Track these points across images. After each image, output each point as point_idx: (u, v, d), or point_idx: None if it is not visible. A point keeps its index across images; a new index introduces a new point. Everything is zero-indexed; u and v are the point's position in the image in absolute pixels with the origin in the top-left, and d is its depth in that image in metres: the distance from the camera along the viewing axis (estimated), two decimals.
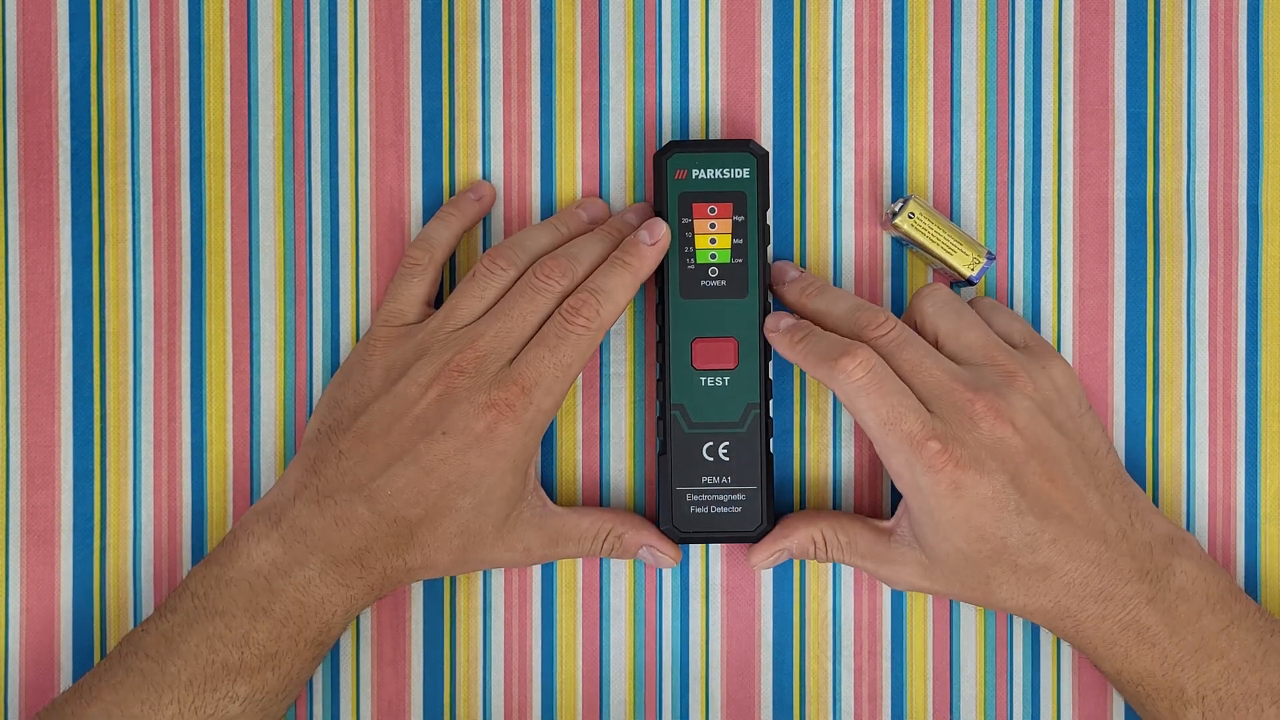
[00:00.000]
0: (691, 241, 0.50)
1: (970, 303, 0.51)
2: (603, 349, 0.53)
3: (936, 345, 0.49)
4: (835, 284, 0.53)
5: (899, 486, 0.48)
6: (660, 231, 0.49)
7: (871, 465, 0.53)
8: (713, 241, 0.50)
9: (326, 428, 0.49)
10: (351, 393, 0.49)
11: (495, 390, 0.47)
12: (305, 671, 0.48)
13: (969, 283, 0.51)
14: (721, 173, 0.50)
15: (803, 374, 0.53)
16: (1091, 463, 0.48)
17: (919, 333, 0.50)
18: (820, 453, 0.53)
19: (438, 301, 0.52)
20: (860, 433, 0.53)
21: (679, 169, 0.50)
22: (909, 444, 0.46)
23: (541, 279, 0.48)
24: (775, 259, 0.53)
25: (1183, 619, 0.47)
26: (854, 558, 0.50)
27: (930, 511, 0.47)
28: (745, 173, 0.50)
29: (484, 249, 0.53)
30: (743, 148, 0.50)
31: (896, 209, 0.51)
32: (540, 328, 0.48)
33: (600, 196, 0.53)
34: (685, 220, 0.50)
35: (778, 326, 0.49)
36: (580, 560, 0.53)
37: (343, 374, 0.51)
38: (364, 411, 0.48)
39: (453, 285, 0.53)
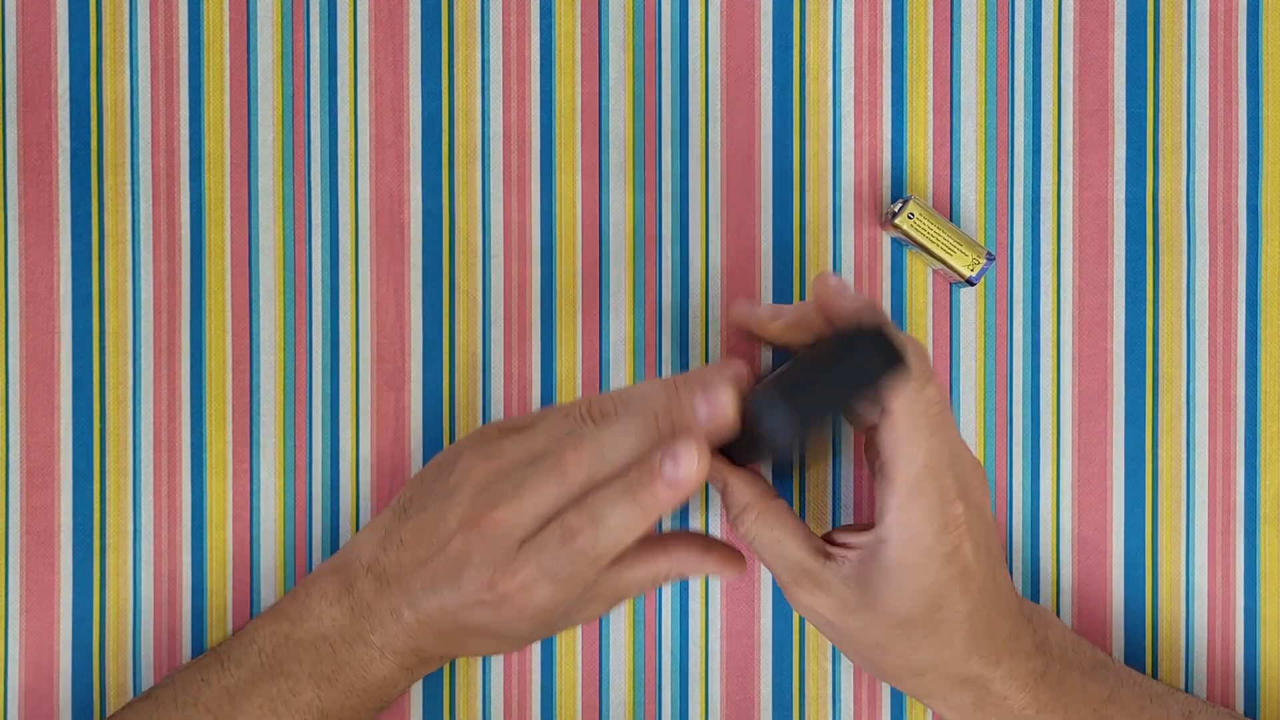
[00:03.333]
0: None
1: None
2: (603, 347, 0.53)
3: None
4: None
5: (888, 531, 0.44)
6: (684, 470, 0.42)
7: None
8: None
9: (406, 499, 0.49)
10: (431, 476, 0.48)
11: (497, 575, 0.44)
12: None
13: (969, 283, 0.51)
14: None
15: None
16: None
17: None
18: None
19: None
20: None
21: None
22: (939, 496, 0.43)
23: (559, 467, 0.44)
24: (775, 286, 0.52)
25: (1072, 690, 0.47)
26: (773, 557, 0.47)
27: (909, 570, 0.44)
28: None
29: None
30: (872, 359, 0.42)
31: (896, 209, 0.51)
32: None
33: (600, 197, 0.53)
34: None
35: (845, 293, 0.44)
36: None
37: (446, 453, 0.49)
38: (422, 510, 0.47)
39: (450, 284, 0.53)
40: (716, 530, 0.53)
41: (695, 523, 0.53)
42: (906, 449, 0.43)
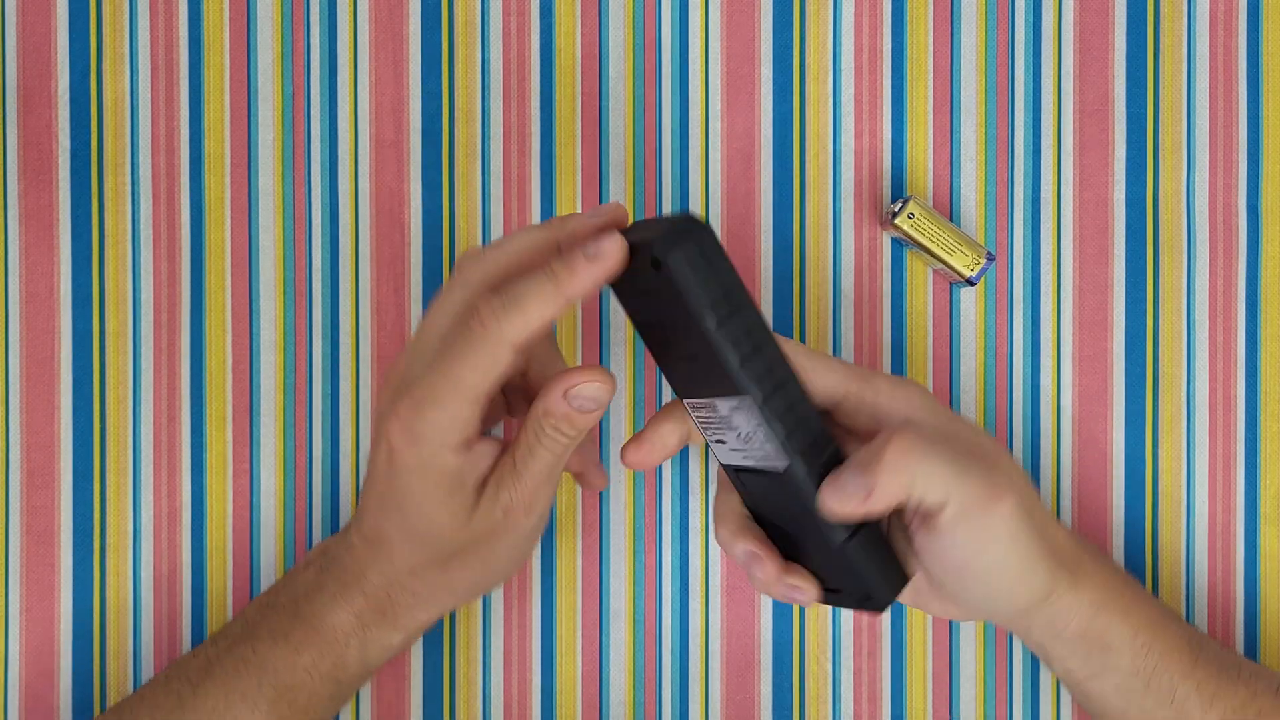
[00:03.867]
0: None
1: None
2: (603, 347, 0.53)
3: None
4: (835, 286, 0.53)
5: (932, 546, 0.43)
6: (605, 248, 0.40)
7: None
8: None
9: None
10: None
11: (395, 407, 0.42)
12: (324, 709, 0.48)
13: (969, 283, 0.51)
14: None
15: None
16: None
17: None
18: None
19: None
20: None
21: None
22: (919, 388, 0.45)
23: (455, 270, 0.43)
24: (775, 272, 0.52)
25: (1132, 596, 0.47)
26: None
27: (975, 555, 0.43)
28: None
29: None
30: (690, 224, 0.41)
31: (896, 209, 0.51)
32: None
33: (600, 197, 0.53)
34: None
35: None
36: (580, 561, 0.53)
37: None
38: None
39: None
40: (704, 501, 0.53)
41: (695, 502, 0.53)
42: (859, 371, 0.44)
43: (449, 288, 0.43)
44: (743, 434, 0.43)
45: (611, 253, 0.40)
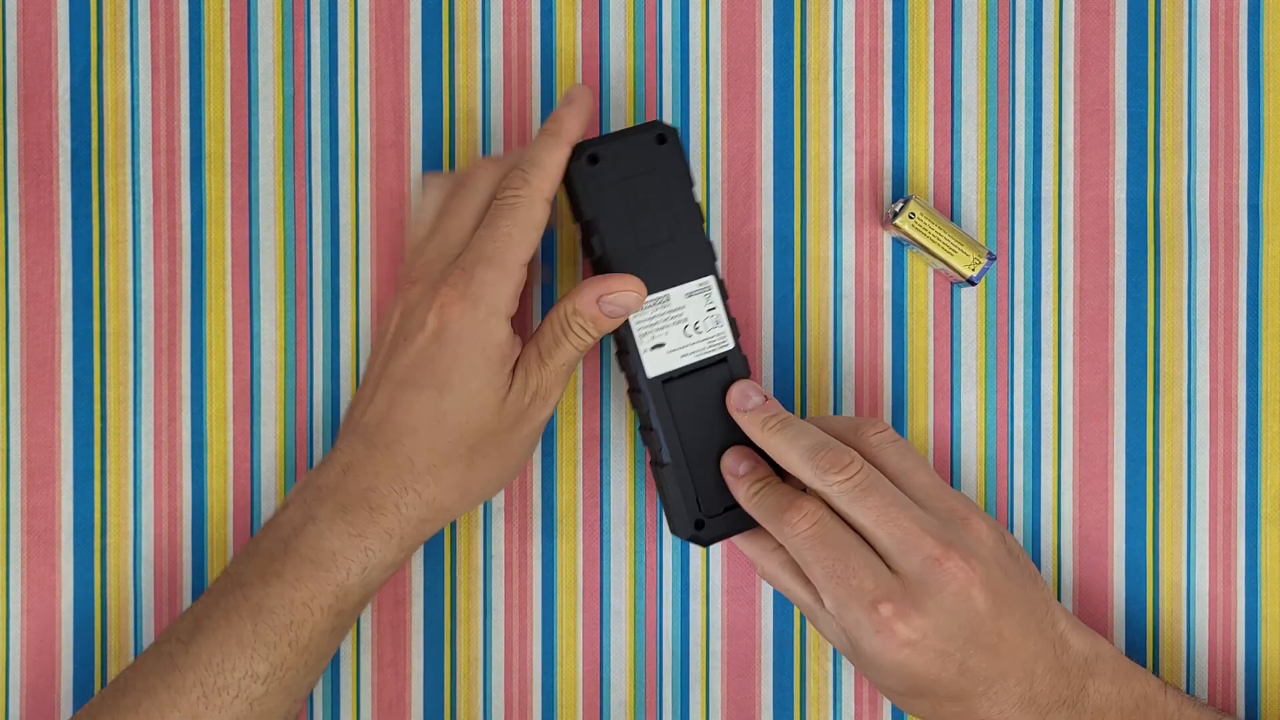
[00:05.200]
0: None
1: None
2: (602, 347, 0.53)
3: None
4: (835, 286, 0.53)
5: (841, 627, 0.46)
6: (576, 94, 0.48)
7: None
8: None
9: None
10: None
11: (441, 283, 0.46)
12: (326, 645, 0.47)
13: (970, 283, 0.51)
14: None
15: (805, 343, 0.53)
16: (1030, 599, 0.47)
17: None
18: None
19: None
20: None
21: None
22: (858, 600, 0.45)
23: (468, 174, 0.49)
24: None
25: None
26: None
27: (872, 657, 0.45)
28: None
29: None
30: (652, 130, 0.48)
31: (897, 209, 0.51)
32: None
33: None
34: None
35: (745, 405, 0.48)
36: (580, 561, 0.53)
37: None
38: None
39: None
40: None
41: None
42: (806, 569, 0.47)
43: (468, 192, 0.48)
44: (692, 324, 0.49)
45: (581, 95, 0.48)
